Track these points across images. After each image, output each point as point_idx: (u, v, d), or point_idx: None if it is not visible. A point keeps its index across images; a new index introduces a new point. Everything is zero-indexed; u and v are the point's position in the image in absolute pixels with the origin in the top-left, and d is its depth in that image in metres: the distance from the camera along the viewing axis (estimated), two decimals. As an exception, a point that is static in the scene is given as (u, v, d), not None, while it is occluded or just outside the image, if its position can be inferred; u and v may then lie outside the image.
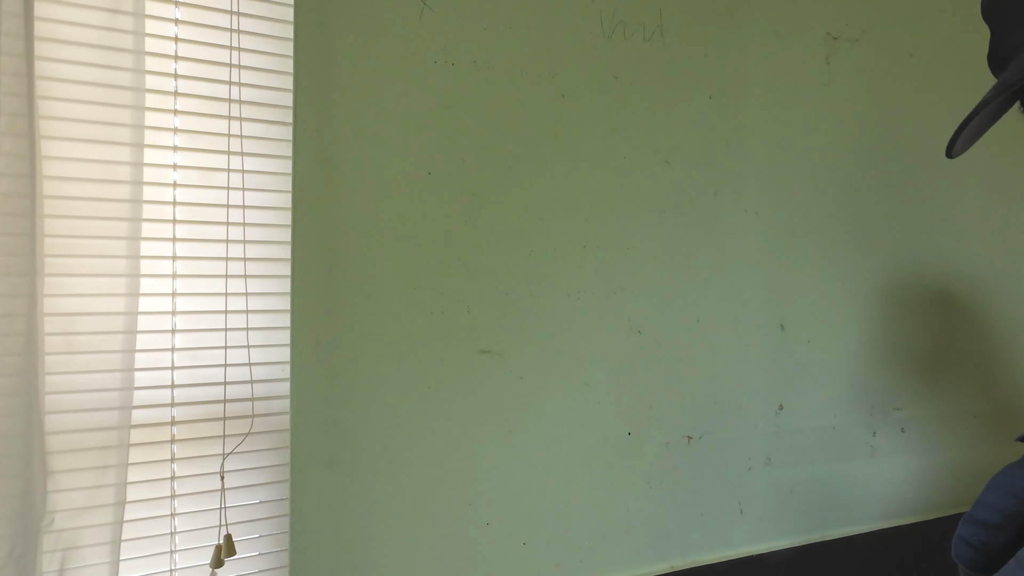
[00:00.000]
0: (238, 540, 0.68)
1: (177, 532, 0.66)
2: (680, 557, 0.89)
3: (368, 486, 0.73)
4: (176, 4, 0.66)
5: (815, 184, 0.99)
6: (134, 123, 0.59)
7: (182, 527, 0.66)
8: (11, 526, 0.51)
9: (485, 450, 0.79)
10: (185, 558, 0.67)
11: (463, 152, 0.78)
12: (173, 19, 0.66)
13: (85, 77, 0.58)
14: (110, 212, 0.59)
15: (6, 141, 0.51)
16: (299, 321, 0.70)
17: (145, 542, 0.65)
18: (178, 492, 0.66)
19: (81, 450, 0.57)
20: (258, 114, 0.70)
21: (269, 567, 0.71)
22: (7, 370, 0.51)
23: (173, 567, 0.67)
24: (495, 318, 0.79)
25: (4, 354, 0.51)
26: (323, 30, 0.71)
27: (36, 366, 0.53)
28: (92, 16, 0.59)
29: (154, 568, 0.66)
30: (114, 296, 0.59)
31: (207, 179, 0.68)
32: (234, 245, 0.68)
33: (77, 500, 0.57)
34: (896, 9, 1.03)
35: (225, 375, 0.68)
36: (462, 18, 0.77)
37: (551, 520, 0.82)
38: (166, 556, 0.66)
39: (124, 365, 0.59)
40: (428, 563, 0.76)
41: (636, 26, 0.85)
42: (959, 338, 1.11)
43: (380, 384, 0.74)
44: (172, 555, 0.66)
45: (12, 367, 0.51)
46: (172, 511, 0.67)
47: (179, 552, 0.67)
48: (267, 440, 0.70)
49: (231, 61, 0.68)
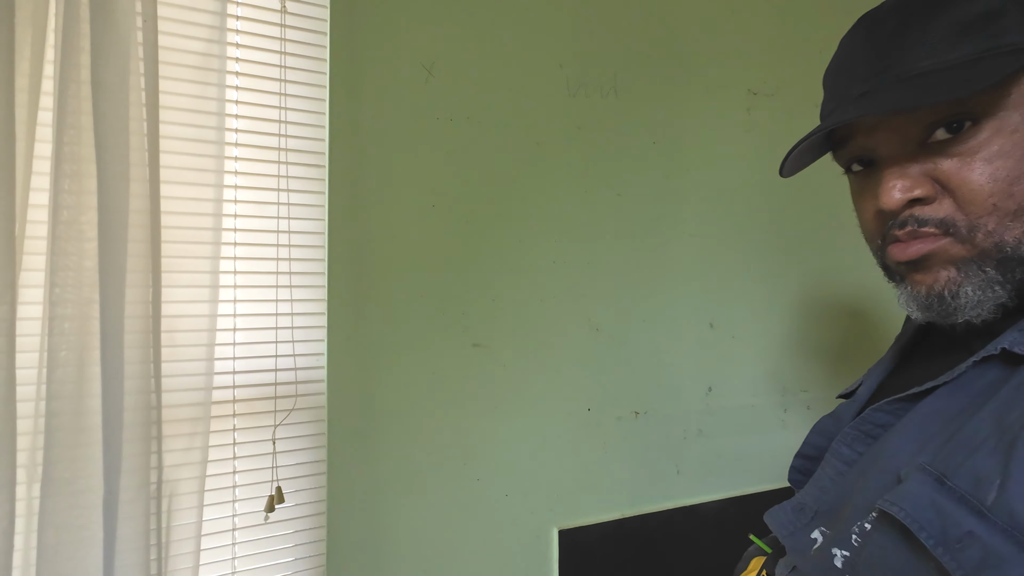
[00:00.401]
0: (287, 492, 0.86)
1: (238, 486, 0.84)
2: (629, 507, 1.05)
3: (387, 450, 0.88)
4: (237, 75, 0.84)
5: (739, 211, 1.15)
6: (216, 168, 0.77)
7: (243, 481, 0.84)
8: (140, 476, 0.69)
9: (476, 422, 0.94)
10: (245, 506, 0.84)
11: (460, 189, 0.93)
12: (235, 86, 0.84)
13: (186, 135, 0.76)
14: (199, 238, 0.77)
15: (136, 186, 0.69)
16: (333, 320, 0.86)
17: (214, 493, 0.82)
18: (240, 455, 0.84)
19: (180, 420, 0.75)
20: (301, 159, 0.87)
21: (311, 513, 0.88)
22: (133, 359, 0.69)
23: (234, 513, 0.84)
24: (485, 318, 0.94)
25: (130, 346, 0.69)
26: (351, 95, 0.87)
27: (149, 355, 0.71)
28: (189, 88, 0.77)
29: (222, 513, 0.83)
30: (200, 303, 0.76)
31: (261, 211, 0.85)
32: (282, 262, 0.86)
33: (176, 458, 0.74)
34: (804, 70, 1.20)
35: (276, 363, 0.85)
36: (458, 83, 0.93)
37: (528, 477, 0.97)
38: (229, 504, 0.84)
39: (207, 355, 0.76)
40: (433, 509, 0.91)
41: (595, 87, 1.02)
42: (854, 334, 1.26)
43: (396, 370, 0.89)
44: (233, 503, 0.84)
45: (136, 357, 0.69)
46: (234, 469, 0.84)
47: (239, 501, 0.84)
48: (308, 415, 0.87)
49: (280, 118, 0.86)
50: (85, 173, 0.71)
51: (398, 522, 0.90)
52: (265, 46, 0.85)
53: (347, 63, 0.87)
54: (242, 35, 0.84)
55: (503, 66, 0.97)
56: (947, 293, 0.40)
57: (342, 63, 0.87)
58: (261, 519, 0.84)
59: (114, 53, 0.71)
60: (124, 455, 0.69)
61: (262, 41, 0.85)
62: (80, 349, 0.68)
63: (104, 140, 0.70)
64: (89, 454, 0.69)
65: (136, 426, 0.69)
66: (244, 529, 0.84)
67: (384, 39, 0.89)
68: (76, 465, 0.68)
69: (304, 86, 0.87)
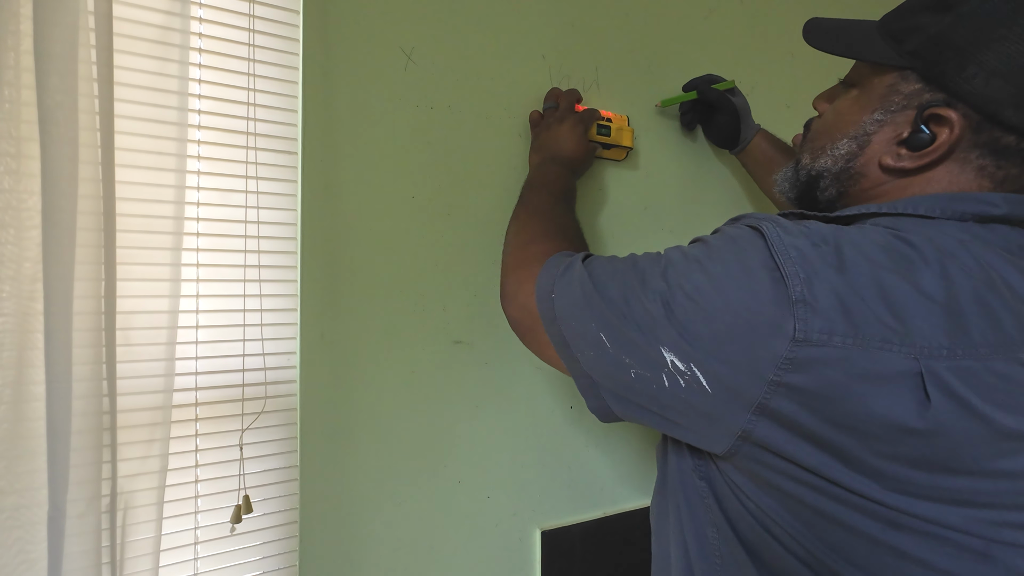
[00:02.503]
0: (255, 501, 0.80)
1: (201, 496, 0.78)
2: (610, 505, 1.04)
3: (363, 454, 0.84)
4: (200, 52, 0.78)
5: (713, 207, 1.20)
6: (177, 152, 0.71)
7: (207, 491, 0.78)
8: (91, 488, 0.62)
9: (457, 422, 0.91)
10: (209, 517, 0.78)
11: (440, 179, 0.90)
12: (198, 64, 0.78)
13: (143, 115, 0.70)
14: (158, 227, 0.70)
15: (86, 169, 0.62)
16: (306, 318, 0.81)
17: (175, 504, 0.76)
18: (203, 462, 0.78)
19: (136, 426, 0.69)
20: (271, 145, 0.82)
21: (281, 523, 0.82)
22: (83, 359, 0.62)
23: (197, 525, 0.78)
24: (466, 315, 0.91)
25: (79, 345, 0.62)
26: (326, 79, 0.83)
27: (101, 355, 0.64)
28: (147, 64, 0.70)
29: (183, 526, 0.77)
30: (159, 297, 0.70)
31: (227, 199, 0.80)
32: (251, 255, 0.80)
33: (132, 467, 0.68)
34: (777, 68, 1.24)
35: (243, 363, 0.80)
36: (439, 71, 0.90)
37: (509, 477, 0.95)
38: (191, 516, 0.78)
39: (167, 355, 0.70)
40: (412, 514, 0.87)
41: (578, 79, 1.01)
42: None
43: (373, 369, 0.85)
44: (196, 515, 0.78)
45: (86, 357, 0.63)
46: (196, 478, 0.78)
47: (203, 512, 0.78)
48: (279, 417, 0.82)
49: (248, 100, 0.80)
50: (26, 154, 0.64)
51: (376, 530, 0.86)
52: (232, 22, 0.79)
53: (321, 43, 0.82)
54: (206, 8, 0.78)
55: (486, 55, 0.94)
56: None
57: (316, 43, 0.82)
58: (227, 531, 0.79)
59: (60, 21, 0.64)
60: (72, 465, 0.62)
61: (229, 16, 0.79)
62: (20, 348, 0.61)
63: (49, 117, 0.63)
64: (31, 465, 0.62)
65: (86, 432, 0.62)
66: (208, 542, 0.78)
67: (361, 19, 0.85)
68: (15, 477, 0.61)
69: (275, 67, 0.82)
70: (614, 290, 0.52)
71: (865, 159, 0.56)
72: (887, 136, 0.55)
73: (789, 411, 0.44)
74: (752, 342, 0.44)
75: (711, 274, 0.47)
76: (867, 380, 0.41)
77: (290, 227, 0.83)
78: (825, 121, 0.62)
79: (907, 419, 0.41)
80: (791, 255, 0.44)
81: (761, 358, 0.44)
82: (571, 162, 0.88)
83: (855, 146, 0.57)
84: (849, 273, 0.43)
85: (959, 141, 0.51)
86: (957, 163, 0.51)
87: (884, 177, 0.56)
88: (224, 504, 0.79)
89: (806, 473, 0.45)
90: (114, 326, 0.64)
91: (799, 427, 0.44)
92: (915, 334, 0.41)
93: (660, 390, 0.49)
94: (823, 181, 0.60)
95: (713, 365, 0.46)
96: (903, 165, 0.53)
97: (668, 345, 0.47)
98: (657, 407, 0.51)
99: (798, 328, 0.42)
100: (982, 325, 0.42)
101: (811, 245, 0.45)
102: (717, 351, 0.45)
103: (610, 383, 0.53)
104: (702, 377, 0.46)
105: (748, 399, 0.45)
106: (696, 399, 0.47)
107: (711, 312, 0.46)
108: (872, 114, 0.56)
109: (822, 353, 0.42)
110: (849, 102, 0.59)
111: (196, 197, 0.77)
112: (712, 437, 0.49)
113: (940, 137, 0.51)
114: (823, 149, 0.60)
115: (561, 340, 0.56)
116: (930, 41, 0.51)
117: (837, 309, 0.42)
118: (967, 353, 0.42)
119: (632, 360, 0.50)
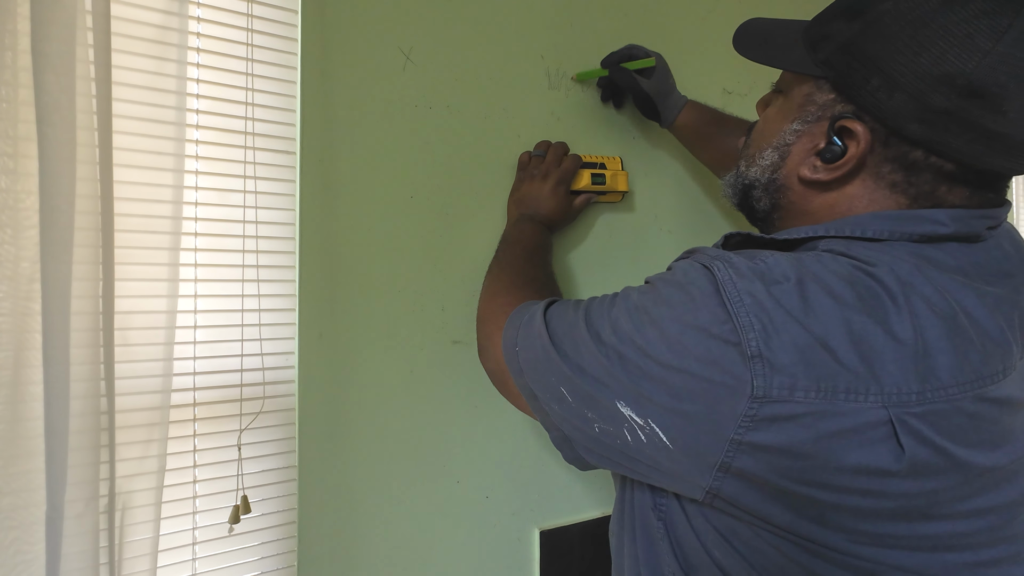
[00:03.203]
0: (253, 501, 0.80)
1: (199, 496, 0.78)
2: (609, 505, 1.00)
3: (362, 454, 0.84)
4: (199, 51, 0.78)
5: (711, 207, 1.20)
6: (175, 152, 0.71)
7: (205, 491, 0.78)
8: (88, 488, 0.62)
9: (456, 422, 0.91)
10: (207, 518, 0.78)
11: (439, 179, 0.90)
12: (196, 63, 0.77)
13: (141, 114, 0.70)
14: (156, 227, 0.70)
15: (84, 169, 0.62)
16: (305, 317, 0.80)
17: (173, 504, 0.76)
18: (201, 462, 0.78)
19: (134, 426, 0.68)
20: (269, 144, 0.82)
21: (280, 523, 0.82)
22: (81, 359, 0.62)
23: (195, 526, 0.78)
24: (464, 314, 0.91)
25: (77, 345, 0.62)
26: (324, 78, 0.83)
27: (99, 355, 0.64)
28: (145, 63, 0.70)
29: (181, 526, 0.77)
30: (158, 297, 0.70)
31: (225, 199, 0.79)
32: (249, 255, 0.80)
33: (130, 467, 0.68)
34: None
35: (242, 363, 0.80)
36: (438, 71, 0.90)
37: (509, 477, 0.95)
38: (189, 516, 0.78)
39: (165, 355, 0.70)
40: (411, 514, 0.87)
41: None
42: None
43: (372, 369, 0.85)
44: (194, 515, 0.78)
45: (84, 357, 0.62)
46: (194, 478, 0.78)
47: (201, 513, 0.78)
48: (277, 417, 0.82)
49: (246, 100, 0.80)
50: (24, 153, 0.64)
51: (374, 530, 0.86)
52: (230, 21, 0.79)
53: (320, 43, 0.82)
54: (204, 8, 0.77)
55: (484, 55, 0.94)
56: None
57: (314, 43, 0.82)
58: (225, 531, 0.79)
59: (58, 20, 0.64)
60: (70, 465, 0.62)
61: (227, 16, 0.79)
62: (17, 348, 0.61)
63: (47, 117, 0.63)
64: (29, 465, 0.62)
65: (84, 432, 0.62)
66: (206, 543, 0.78)
67: (360, 19, 0.85)
68: (13, 478, 0.61)
69: (273, 67, 0.82)
70: (569, 344, 0.51)
71: (787, 170, 0.55)
72: (804, 147, 0.53)
73: (755, 470, 0.41)
74: (710, 399, 0.42)
75: (661, 327, 0.45)
76: (836, 434, 0.39)
77: (288, 227, 0.83)
78: (758, 128, 0.61)
79: (881, 469, 0.39)
80: (744, 302, 0.42)
81: (721, 415, 0.41)
82: (549, 220, 0.89)
83: (777, 156, 0.55)
84: (814, 317, 0.41)
85: (868, 154, 0.49)
86: (871, 178, 0.50)
87: (804, 190, 0.54)
88: (222, 504, 0.79)
89: (780, 530, 0.43)
90: (112, 326, 0.64)
91: (768, 485, 0.41)
92: (885, 380, 0.40)
93: (624, 444, 0.47)
94: (755, 191, 0.58)
95: (671, 420, 0.44)
96: (819, 177, 0.52)
97: (624, 400, 0.46)
98: (626, 460, 0.49)
99: (756, 385, 0.40)
100: (950, 364, 0.41)
101: (765, 289, 0.42)
102: (674, 407, 0.43)
103: (579, 436, 0.52)
104: (661, 433, 0.44)
105: (710, 458, 0.42)
106: (660, 455, 0.45)
107: (665, 367, 0.44)
108: (792, 123, 0.54)
109: (785, 409, 0.40)
110: (775, 110, 0.58)
111: (194, 197, 0.77)
112: (685, 488, 0.47)
113: (851, 150, 0.49)
114: (753, 158, 0.58)
115: (530, 393, 0.55)
116: (840, 50, 0.49)
117: (798, 363, 0.40)
118: (936, 396, 0.40)
119: (594, 415, 0.48)
